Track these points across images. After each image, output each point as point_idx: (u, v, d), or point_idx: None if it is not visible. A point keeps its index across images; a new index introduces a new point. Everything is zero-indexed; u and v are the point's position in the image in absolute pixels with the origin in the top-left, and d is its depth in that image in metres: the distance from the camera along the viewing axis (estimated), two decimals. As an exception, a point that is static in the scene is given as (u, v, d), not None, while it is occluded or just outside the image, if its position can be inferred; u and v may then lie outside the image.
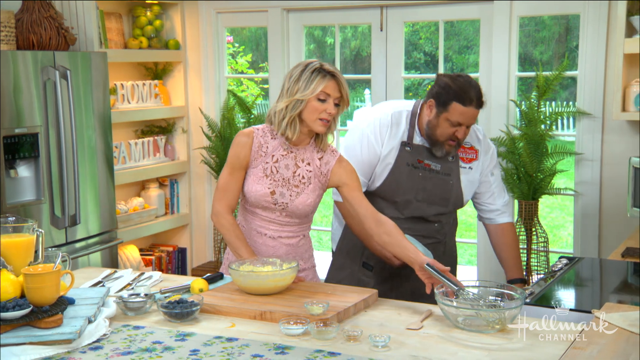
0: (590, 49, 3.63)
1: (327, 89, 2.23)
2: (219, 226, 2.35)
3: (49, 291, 1.84)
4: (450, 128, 2.52)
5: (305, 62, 2.28)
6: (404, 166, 2.60)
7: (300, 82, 2.23)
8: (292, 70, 2.29)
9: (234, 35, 6.85)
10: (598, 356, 1.66)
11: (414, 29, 9.61)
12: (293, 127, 2.27)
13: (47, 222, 3.49)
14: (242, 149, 2.32)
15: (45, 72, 3.44)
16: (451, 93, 2.49)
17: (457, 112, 2.49)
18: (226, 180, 2.34)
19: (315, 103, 2.23)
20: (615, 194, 3.64)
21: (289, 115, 2.25)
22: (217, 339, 1.85)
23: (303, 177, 2.33)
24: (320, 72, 2.24)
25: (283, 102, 2.26)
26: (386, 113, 2.64)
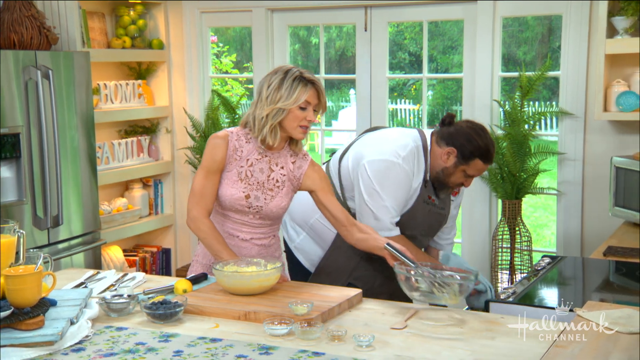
0: (573, 49, 3.66)
1: (309, 98, 2.27)
2: (197, 231, 2.33)
3: (30, 293, 1.82)
4: (463, 178, 2.58)
5: (284, 69, 2.30)
6: (421, 203, 2.61)
7: (282, 91, 2.25)
8: (271, 77, 2.30)
9: (218, 35, 6.83)
10: (580, 354, 1.67)
11: (398, 29, 9.65)
12: (274, 134, 2.29)
13: (29, 223, 3.46)
14: (218, 151, 2.31)
15: (26, 71, 3.41)
16: (476, 150, 2.52)
17: (476, 168, 2.55)
18: (202, 184, 2.32)
19: (296, 111, 2.26)
20: (597, 193, 3.68)
21: (270, 122, 2.27)
22: (201, 340, 1.84)
23: (277, 180, 2.36)
24: (301, 80, 2.27)
25: (264, 110, 2.27)
26: (411, 148, 2.57)
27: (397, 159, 2.51)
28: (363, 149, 2.61)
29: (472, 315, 2.05)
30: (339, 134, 10.89)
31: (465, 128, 2.56)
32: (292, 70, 2.28)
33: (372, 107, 4.24)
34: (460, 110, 4.73)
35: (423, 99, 4.41)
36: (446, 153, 2.55)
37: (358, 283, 2.61)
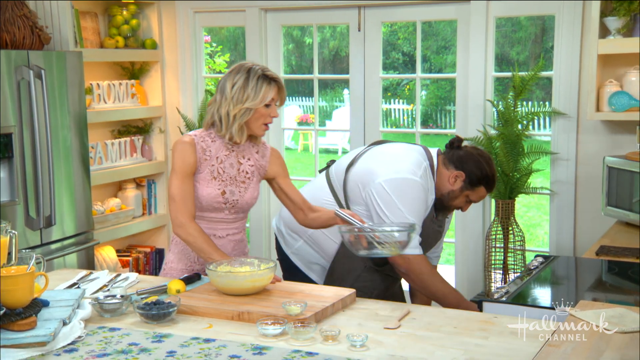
0: (565, 49, 3.68)
1: (274, 95, 2.36)
2: (187, 236, 2.33)
3: (22, 293, 1.81)
4: (464, 203, 2.65)
5: (246, 68, 2.35)
6: (429, 222, 2.63)
7: (248, 90, 2.32)
8: (233, 76, 2.34)
9: (212, 34, 6.82)
10: (572, 353, 1.68)
11: (392, 29, 9.66)
12: (242, 132, 2.37)
13: (22, 224, 3.44)
14: (188, 155, 2.36)
15: (19, 71, 3.40)
16: (484, 178, 2.60)
17: (479, 194, 2.63)
18: (181, 189, 2.34)
19: (262, 109, 2.35)
20: (590, 193, 3.69)
21: (238, 122, 2.34)
22: (194, 340, 1.84)
23: (247, 172, 2.44)
24: (265, 79, 2.34)
25: (232, 110, 2.33)
26: (425, 166, 2.59)
27: (415, 177, 2.52)
28: (375, 166, 2.58)
29: (466, 315, 2.05)
30: (333, 134, 10.91)
31: (475, 155, 2.62)
32: (254, 68, 2.34)
33: (365, 107, 4.25)
34: (453, 110, 4.73)
35: (416, 99, 4.41)
36: (454, 176, 2.59)
37: (358, 294, 2.62)
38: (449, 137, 2.82)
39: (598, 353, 1.68)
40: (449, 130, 4.19)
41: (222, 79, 2.39)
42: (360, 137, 4.28)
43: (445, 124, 10.96)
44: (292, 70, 7.00)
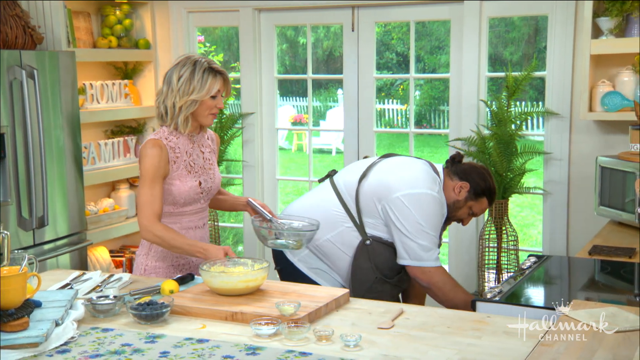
0: (558, 49, 3.69)
1: (220, 87, 2.45)
2: (153, 237, 2.38)
3: (14, 294, 1.81)
4: (466, 215, 2.71)
5: (192, 61, 2.42)
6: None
7: (194, 82, 2.40)
8: (179, 68, 2.42)
9: (206, 35, 6.81)
10: (565, 352, 1.68)
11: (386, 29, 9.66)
12: (186, 123, 2.45)
13: (14, 224, 3.43)
14: (159, 160, 2.41)
15: (11, 71, 3.39)
16: (487, 189, 2.68)
17: (481, 206, 2.70)
18: (148, 194, 2.39)
19: (207, 100, 2.43)
20: (582, 193, 3.70)
21: (184, 113, 2.43)
22: (188, 341, 1.83)
23: (209, 158, 2.57)
24: (211, 71, 2.42)
25: (178, 102, 2.41)
26: (438, 181, 2.63)
27: (433, 192, 2.56)
28: (391, 180, 2.59)
29: (459, 315, 2.06)
30: (327, 134, 10.91)
31: (478, 167, 2.73)
32: (200, 61, 2.42)
33: (359, 107, 4.25)
34: (447, 110, 4.74)
35: (410, 99, 4.42)
36: (459, 187, 2.65)
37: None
38: (443, 137, 2.85)
39: (591, 352, 1.68)
40: (443, 130, 4.20)
41: (168, 71, 2.45)
42: (354, 137, 4.28)
43: (439, 124, 10.98)
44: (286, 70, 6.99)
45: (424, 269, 2.53)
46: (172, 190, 2.45)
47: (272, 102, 4.46)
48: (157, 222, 2.39)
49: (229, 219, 6.35)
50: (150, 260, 2.53)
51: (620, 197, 3.16)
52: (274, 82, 4.44)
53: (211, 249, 2.36)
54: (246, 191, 4.50)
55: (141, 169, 2.42)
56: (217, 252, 2.33)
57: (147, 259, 2.53)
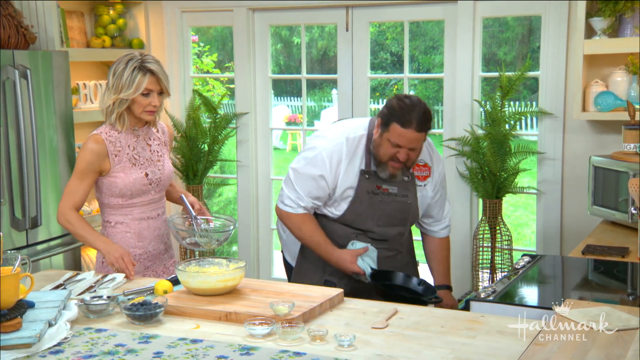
0: (552, 49, 3.70)
1: (149, 86, 2.44)
2: (65, 222, 2.46)
3: (7, 294, 1.80)
4: (391, 149, 2.49)
5: (127, 58, 2.45)
6: (365, 195, 2.59)
7: (123, 80, 2.42)
8: (117, 65, 2.45)
9: (200, 34, 6.80)
10: (558, 352, 1.69)
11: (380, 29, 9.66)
12: (122, 120, 2.48)
13: (7, 224, 3.42)
14: (97, 157, 2.46)
15: (4, 71, 3.37)
16: (393, 113, 2.47)
17: (396, 133, 2.46)
18: (75, 186, 2.47)
19: (139, 98, 2.45)
20: (576, 193, 3.71)
21: (116, 111, 2.46)
22: (182, 341, 1.83)
23: (157, 151, 2.60)
24: (140, 70, 2.42)
25: (110, 99, 2.45)
26: (340, 142, 2.57)
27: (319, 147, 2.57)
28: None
29: (453, 314, 2.06)
30: (321, 134, 10.88)
31: (391, 99, 2.55)
32: (134, 58, 2.43)
33: (353, 107, 4.25)
34: (441, 109, 4.74)
35: (404, 99, 4.42)
36: (377, 125, 2.53)
37: (334, 279, 2.64)
38: (437, 137, 2.84)
39: (584, 352, 1.69)
40: (437, 130, 4.19)
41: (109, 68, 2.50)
42: (348, 137, 4.28)
43: (433, 123, 10.97)
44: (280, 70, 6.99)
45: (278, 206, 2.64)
46: (117, 183, 2.50)
47: (267, 102, 4.46)
48: (74, 210, 2.47)
49: (223, 219, 6.34)
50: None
51: (613, 196, 3.17)
52: (268, 82, 4.44)
53: (110, 247, 2.42)
54: (240, 191, 4.50)
55: (77, 161, 2.48)
56: (115, 252, 2.40)
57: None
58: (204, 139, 4.36)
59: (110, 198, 2.54)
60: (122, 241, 2.56)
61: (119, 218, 2.56)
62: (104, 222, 2.60)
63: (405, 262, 2.75)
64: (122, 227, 2.56)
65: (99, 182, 2.53)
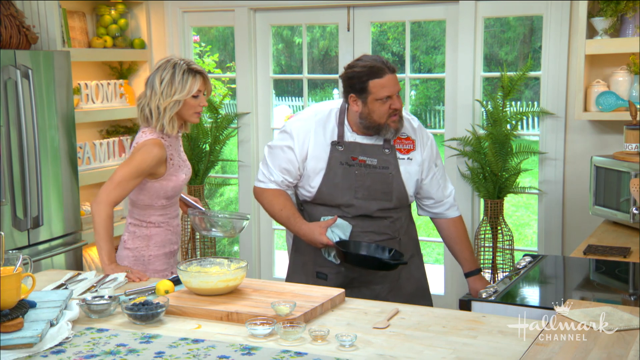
0: (553, 49, 3.69)
1: (200, 87, 2.55)
2: (99, 214, 2.47)
3: (9, 294, 1.80)
4: (384, 104, 2.50)
5: (172, 64, 2.54)
6: (338, 166, 2.57)
7: (175, 84, 2.52)
8: (161, 72, 2.54)
9: (201, 34, 6.80)
10: (560, 352, 1.68)
11: (381, 29, 9.66)
12: (172, 123, 2.56)
13: (9, 224, 3.42)
14: (157, 161, 2.53)
15: (5, 71, 3.38)
16: (362, 76, 2.49)
17: (378, 87, 2.48)
18: (126, 181, 2.49)
19: (190, 100, 2.55)
20: (577, 193, 3.71)
21: (168, 114, 2.53)
22: (183, 341, 1.83)
23: (184, 152, 2.73)
24: (190, 72, 2.54)
25: (162, 103, 2.52)
26: (309, 116, 2.62)
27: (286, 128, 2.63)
28: None
29: (454, 314, 2.06)
30: (323, 133, 10.88)
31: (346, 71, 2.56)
32: (179, 63, 2.54)
33: (355, 107, 4.24)
34: (442, 109, 4.74)
35: (406, 98, 4.42)
36: (353, 102, 2.54)
37: (325, 269, 2.64)
38: (438, 137, 2.82)
39: (585, 352, 1.69)
40: (438, 130, 4.19)
41: (150, 76, 2.57)
42: (350, 137, 4.28)
43: (435, 123, 10.99)
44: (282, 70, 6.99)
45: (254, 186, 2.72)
46: (169, 185, 2.57)
47: (268, 102, 4.46)
48: (112, 207, 2.50)
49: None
50: (152, 250, 2.63)
51: (615, 196, 3.17)
52: (269, 81, 4.44)
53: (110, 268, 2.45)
54: (241, 191, 4.50)
55: (133, 159, 2.50)
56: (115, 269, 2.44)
57: (148, 250, 2.63)
58: (206, 139, 4.36)
59: (156, 199, 2.59)
60: (165, 240, 2.64)
61: (161, 218, 2.62)
62: (144, 222, 2.62)
63: (407, 254, 2.65)
64: (164, 226, 2.64)
65: (147, 185, 2.55)
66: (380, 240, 2.61)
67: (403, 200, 2.66)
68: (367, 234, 2.59)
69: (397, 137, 2.61)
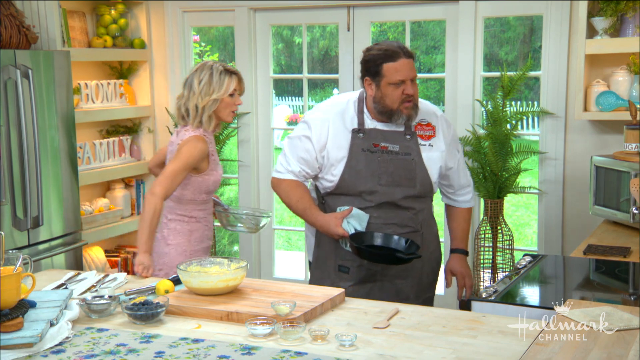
0: (553, 49, 3.69)
1: (235, 86, 2.73)
2: (151, 206, 2.54)
3: (9, 294, 1.80)
4: (397, 89, 2.50)
5: (208, 66, 2.72)
6: (360, 153, 2.56)
7: (213, 84, 2.69)
8: (199, 73, 2.72)
9: (201, 34, 6.81)
10: (560, 352, 1.68)
11: (382, 29, 9.65)
12: (210, 121, 2.72)
13: (9, 224, 3.42)
14: (201, 156, 2.66)
15: (5, 71, 3.37)
16: (377, 60, 2.51)
17: (392, 70, 2.49)
18: (177, 175, 2.61)
19: (227, 99, 2.72)
20: (577, 192, 3.71)
21: (207, 113, 2.70)
22: (183, 341, 1.83)
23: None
24: (227, 73, 2.72)
25: (200, 102, 2.69)
26: (328, 108, 2.65)
27: (305, 118, 2.68)
28: None
29: (454, 314, 2.06)
30: (322, 133, 10.87)
31: (363, 55, 2.59)
32: (215, 65, 2.73)
33: (355, 106, 4.24)
34: (442, 109, 4.74)
35: (406, 98, 4.42)
36: (367, 86, 2.56)
37: (346, 263, 2.61)
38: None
39: (585, 352, 1.69)
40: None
41: (188, 77, 2.75)
42: (350, 136, 4.27)
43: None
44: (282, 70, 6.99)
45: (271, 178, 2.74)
46: (210, 180, 2.73)
47: (268, 102, 4.46)
48: (164, 199, 2.59)
49: (225, 219, 6.34)
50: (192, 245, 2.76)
51: (615, 196, 3.17)
52: (269, 81, 4.44)
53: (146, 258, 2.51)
54: (242, 191, 4.50)
55: (180, 153, 2.63)
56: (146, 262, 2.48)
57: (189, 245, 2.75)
58: (206, 139, 4.36)
59: (198, 194, 2.73)
60: (203, 235, 2.79)
61: (201, 214, 2.78)
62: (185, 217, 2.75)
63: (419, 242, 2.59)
64: (203, 222, 2.78)
65: (191, 179, 2.69)
66: (403, 233, 2.58)
67: (427, 187, 2.63)
68: (389, 226, 2.57)
69: (418, 123, 2.62)
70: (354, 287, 2.59)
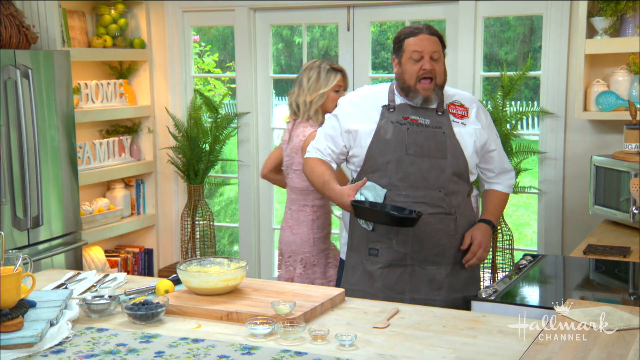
0: (553, 49, 3.70)
1: (340, 82, 3.07)
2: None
3: (8, 294, 1.80)
4: (415, 65, 2.50)
5: (317, 64, 3.07)
6: (389, 124, 2.53)
7: (321, 80, 3.04)
8: (308, 72, 3.08)
9: (201, 34, 6.81)
10: (560, 352, 1.68)
11: (381, 29, 9.65)
12: (317, 114, 3.05)
13: (9, 224, 3.42)
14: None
15: (5, 71, 3.38)
16: (401, 36, 2.57)
17: (411, 44, 2.51)
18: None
19: (332, 94, 3.05)
20: (577, 192, 3.71)
21: (314, 107, 3.04)
22: (183, 340, 1.83)
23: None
24: (333, 70, 3.07)
25: (308, 97, 3.05)
26: (358, 93, 2.71)
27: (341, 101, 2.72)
28: None
29: (454, 314, 2.06)
30: (322, 133, 10.87)
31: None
32: (322, 64, 3.08)
33: (354, 106, 4.24)
34: (442, 109, 4.72)
35: (405, 98, 4.42)
36: (394, 65, 2.61)
37: (376, 245, 2.56)
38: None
39: (585, 352, 1.69)
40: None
41: (299, 75, 3.13)
42: (350, 136, 4.28)
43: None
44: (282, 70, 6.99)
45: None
46: None
47: (268, 102, 4.46)
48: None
49: (224, 219, 6.35)
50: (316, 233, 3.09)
51: (614, 196, 3.17)
52: (269, 81, 4.44)
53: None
54: (241, 191, 4.50)
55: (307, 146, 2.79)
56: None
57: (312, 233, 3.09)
58: (205, 139, 4.36)
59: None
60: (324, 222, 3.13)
61: (320, 202, 3.10)
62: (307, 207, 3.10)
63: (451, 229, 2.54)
64: (322, 210, 3.11)
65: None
66: (432, 213, 2.50)
67: (460, 161, 2.54)
68: (419, 205, 2.48)
69: (451, 103, 2.59)
70: (383, 270, 2.54)
